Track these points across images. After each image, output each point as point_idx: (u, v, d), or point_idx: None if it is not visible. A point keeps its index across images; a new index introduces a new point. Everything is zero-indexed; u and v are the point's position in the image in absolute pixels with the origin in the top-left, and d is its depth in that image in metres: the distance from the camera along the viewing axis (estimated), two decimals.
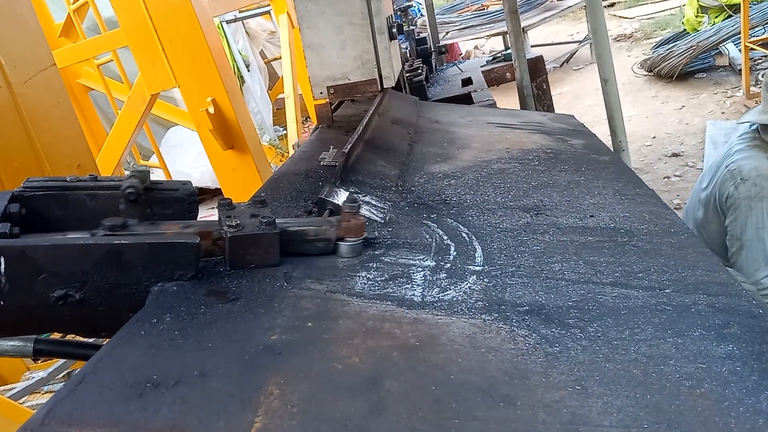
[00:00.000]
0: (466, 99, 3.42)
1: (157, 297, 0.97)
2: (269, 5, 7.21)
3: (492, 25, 11.15)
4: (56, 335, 1.53)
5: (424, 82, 3.49)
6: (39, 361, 3.99)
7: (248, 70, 9.44)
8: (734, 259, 2.78)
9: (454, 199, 1.57)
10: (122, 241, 0.97)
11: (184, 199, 1.18)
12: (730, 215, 2.75)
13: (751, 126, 2.91)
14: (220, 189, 4.55)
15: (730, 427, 0.76)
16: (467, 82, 3.80)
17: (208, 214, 6.64)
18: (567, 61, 10.75)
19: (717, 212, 2.85)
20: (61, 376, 3.71)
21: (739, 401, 0.80)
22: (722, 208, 2.81)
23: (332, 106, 2.45)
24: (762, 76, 7.11)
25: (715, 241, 2.93)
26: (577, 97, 8.94)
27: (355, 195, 1.42)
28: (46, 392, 3.68)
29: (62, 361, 3.80)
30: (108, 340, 0.89)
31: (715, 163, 2.95)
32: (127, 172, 1.17)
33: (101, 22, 4.60)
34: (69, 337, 1.47)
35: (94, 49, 4.70)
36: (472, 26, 11.29)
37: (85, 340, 1.18)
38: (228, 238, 1.05)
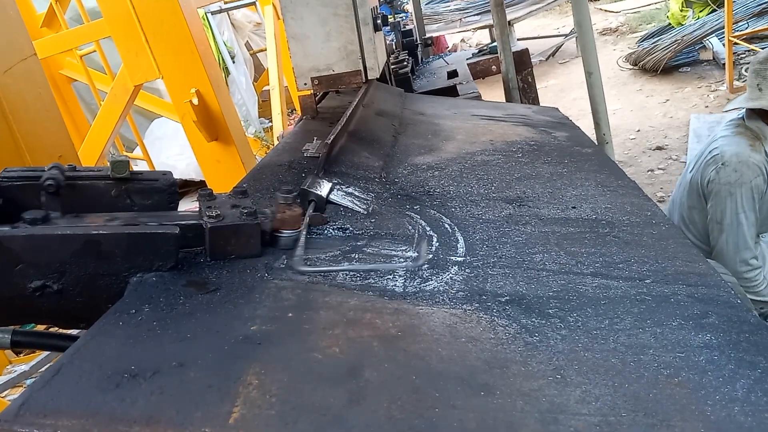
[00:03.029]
0: (451, 91, 3.42)
1: (135, 287, 0.97)
2: None
3: (479, 17, 11.14)
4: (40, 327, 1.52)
5: (410, 74, 3.49)
6: (21, 355, 3.96)
7: (233, 62, 9.37)
8: (715, 242, 2.82)
9: (438, 190, 1.57)
10: (101, 232, 0.96)
11: (165, 190, 1.17)
12: (711, 199, 2.79)
13: (738, 113, 2.95)
14: (204, 181, 4.51)
15: (706, 415, 0.76)
16: (453, 74, 3.80)
17: (192, 206, 6.61)
18: (553, 54, 10.77)
19: (700, 196, 2.89)
20: (44, 369, 3.68)
21: (716, 390, 0.81)
22: (704, 192, 2.85)
23: (316, 98, 2.44)
24: (745, 70, 7.18)
25: (699, 227, 2.97)
26: (562, 91, 8.96)
27: (337, 185, 1.42)
28: (29, 386, 3.66)
29: (45, 354, 3.77)
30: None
31: (701, 148, 2.99)
32: (109, 164, 1.15)
33: (84, 13, 4.55)
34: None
35: (76, 39, 4.63)
36: (460, 19, 11.28)
37: (64, 331, 1.17)
38: (208, 228, 1.04)
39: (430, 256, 1.18)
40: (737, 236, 2.72)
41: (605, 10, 12.73)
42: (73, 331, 1.19)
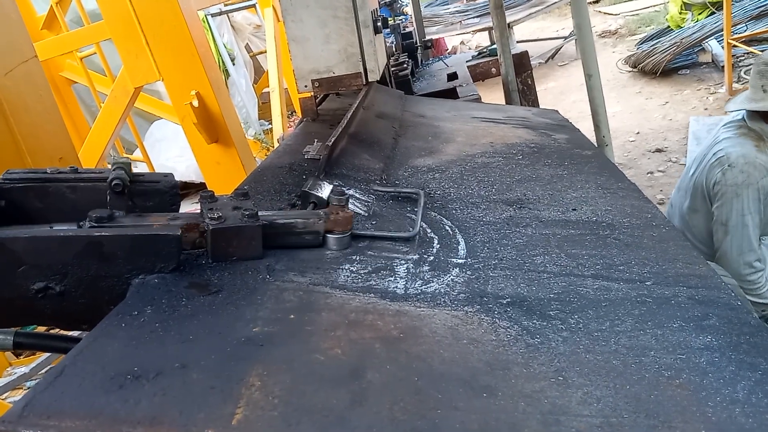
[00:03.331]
0: (451, 93, 3.43)
1: (138, 289, 0.97)
2: None
3: (478, 19, 11.16)
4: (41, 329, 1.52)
5: (410, 77, 3.50)
6: (21, 357, 3.96)
7: (233, 64, 9.39)
8: (719, 245, 2.81)
9: (438, 192, 1.57)
10: (103, 233, 0.96)
11: (166, 192, 1.18)
12: (716, 201, 2.78)
13: (736, 114, 2.94)
14: (204, 183, 4.52)
15: (707, 417, 0.77)
16: (453, 76, 3.81)
17: (192, 208, 6.60)
18: (552, 57, 10.79)
19: (704, 198, 2.89)
20: (44, 371, 3.68)
21: (717, 391, 0.81)
22: (709, 195, 2.84)
23: (317, 100, 2.44)
24: (745, 72, 7.19)
25: (701, 229, 2.96)
26: (562, 93, 8.98)
27: (340, 188, 1.42)
28: (29, 388, 3.65)
29: (45, 356, 3.77)
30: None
31: (702, 151, 2.97)
32: (109, 166, 1.16)
33: (84, 15, 4.56)
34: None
35: (77, 41, 4.64)
36: (459, 21, 11.30)
37: (66, 333, 1.18)
38: (210, 230, 1.05)
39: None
40: (742, 238, 2.72)
41: (604, 13, 12.75)
42: (76, 333, 1.19)
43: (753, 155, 2.66)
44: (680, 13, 9.40)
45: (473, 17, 11.45)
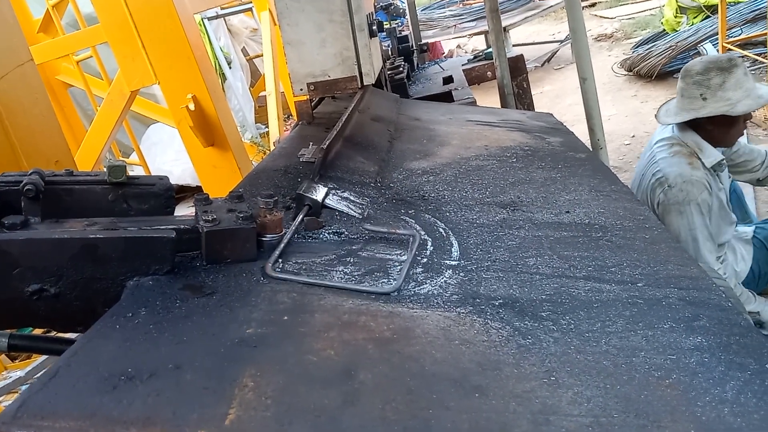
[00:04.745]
0: (446, 97, 3.44)
1: (132, 291, 0.97)
2: (251, 2, 7.18)
3: (474, 23, 11.19)
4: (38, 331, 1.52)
5: (406, 80, 3.50)
6: (17, 361, 3.95)
7: (230, 68, 9.39)
8: None
9: (433, 195, 1.58)
10: (98, 236, 0.97)
11: (161, 194, 1.18)
12: (664, 220, 2.81)
13: (665, 131, 2.95)
14: (200, 186, 4.52)
15: (696, 416, 0.77)
16: (448, 80, 3.82)
17: (189, 212, 6.60)
18: (548, 60, 10.81)
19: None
20: (39, 375, 3.67)
21: (706, 391, 0.82)
22: (656, 213, 2.86)
23: (312, 103, 2.45)
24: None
25: None
26: (558, 96, 8.99)
27: (333, 190, 1.43)
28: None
29: (40, 360, 3.76)
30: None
31: (641, 170, 2.99)
32: (105, 169, 1.16)
33: (80, 18, 4.56)
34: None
35: (73, 45, 4.64)
36: (455, 25, 11.32)
37: (61, 335, 1.18)
38: (204, 232, 1.05)
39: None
40: (696, 252, 2.74)
41: (600, 17, 12.79)
42: (71, 335, 1.20)
43: (689, 173, 2.70)
44: (675, 17, 9.44)
45: (469, 21, 11.47)
